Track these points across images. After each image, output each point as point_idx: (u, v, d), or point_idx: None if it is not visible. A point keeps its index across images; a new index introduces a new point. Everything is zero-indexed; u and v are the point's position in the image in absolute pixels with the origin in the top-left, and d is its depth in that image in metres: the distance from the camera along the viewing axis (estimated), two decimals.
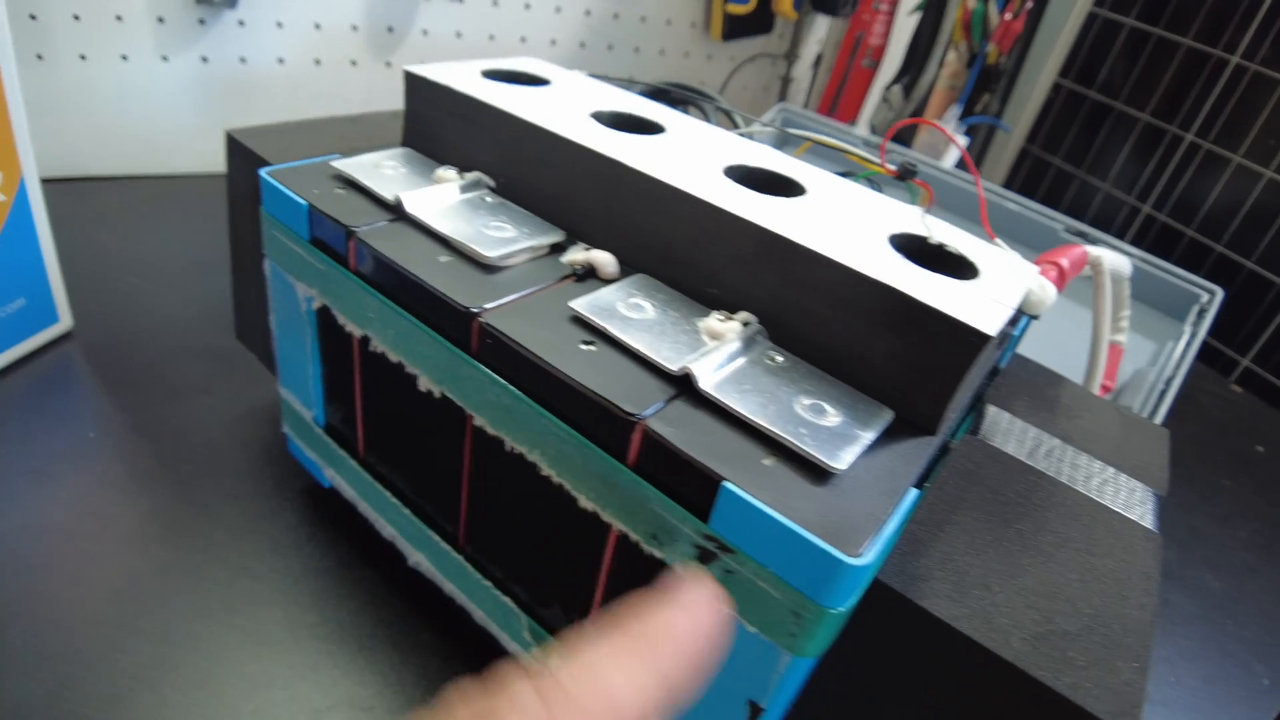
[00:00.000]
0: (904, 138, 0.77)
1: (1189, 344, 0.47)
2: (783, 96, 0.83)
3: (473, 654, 0.29)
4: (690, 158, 0.24)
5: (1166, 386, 0.45)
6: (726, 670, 0.19)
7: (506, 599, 0.24)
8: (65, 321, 0.42)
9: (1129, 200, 0.74)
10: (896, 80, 0.72)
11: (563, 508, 0.20)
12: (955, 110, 0.74)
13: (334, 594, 0.31)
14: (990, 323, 0.19)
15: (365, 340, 0.24)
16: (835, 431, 0.18)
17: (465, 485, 0.24)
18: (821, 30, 0.80)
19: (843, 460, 0.17)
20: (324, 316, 0.26)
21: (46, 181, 0.39)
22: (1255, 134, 0.64)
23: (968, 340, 0.19)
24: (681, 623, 0.15)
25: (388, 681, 0.28)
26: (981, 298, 0.20)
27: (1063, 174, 0.79)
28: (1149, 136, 0.72)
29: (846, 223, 0.22)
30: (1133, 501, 0.23)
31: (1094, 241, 0.53)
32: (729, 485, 0.16)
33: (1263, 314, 0.65)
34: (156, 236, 0.54)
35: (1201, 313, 0.50)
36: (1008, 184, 0.84)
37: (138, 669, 0.27)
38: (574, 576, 0.22)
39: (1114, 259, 0.35)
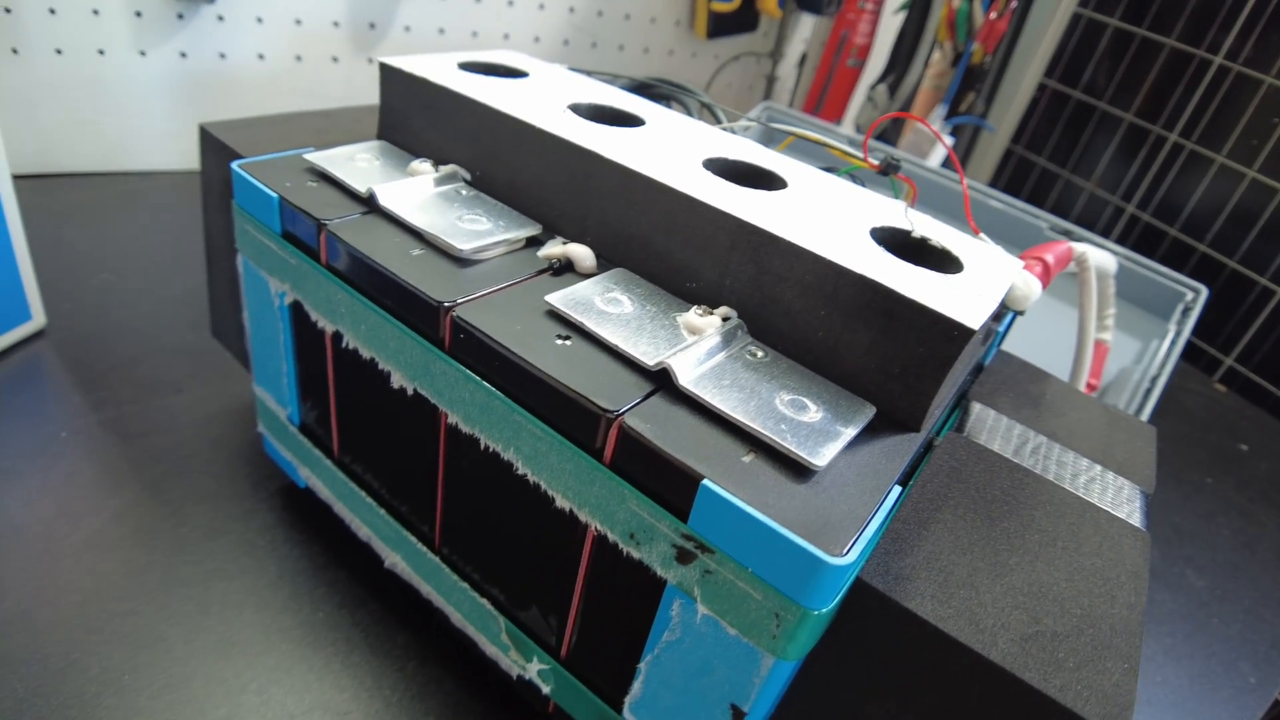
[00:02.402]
0: (889, 137, 0.77)
1: (1174, 342, 0.48)
2: (767, 95, 0.82)
3: (451, 657, 0.29)
4: (669, 150, 0.24)
5: (1152, 384, 0.45)
6: (706, 673, 0.18)
7: (484, 601, 0.24)
8: (38, 319, 0.41)
9: (1113, 200, 0.74)
10: (882, 79, 0.72)
11: (539, 507, 0.20)
12: (940, 110, 0.74)
13: (309, 596, 0.30)
14: (974, 316, 0.19)
15: (337, 336, 0.24)
16: (816, 428, 0.18)
17: (440, 485, 0.24)
18: (806, 29, 0.80)
19: (823, 457, 0.17)
20: (297, 312, 0.26)
21: (20, 178, 0.38)
22: (1238, 134, 0.65)
23: (950, 334, 0.18)
24: None
25: (364, 685, 0.28)
26: (965, 291, 0.20)
27: (1047, 174, 0.80)
28: (1133, 136, 0.72)
29: (827, 216, 0.22)
30: (1120, 499, 0.23)
31: (1078, 240, 0.53)
32: (708, 484, 0.16)
33: (1245, 313, 0.65)
34: (131, 233, 0.53)
35: (1186, 311, 0.50)
36: (992, 184, 0.84)
37: (107, 674, 0.27)
38: (552, 577, 0.21)
39: (1099, 256, 0.35)
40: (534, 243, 0.24)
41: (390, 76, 0.27)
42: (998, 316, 0.27)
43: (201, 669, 0.27)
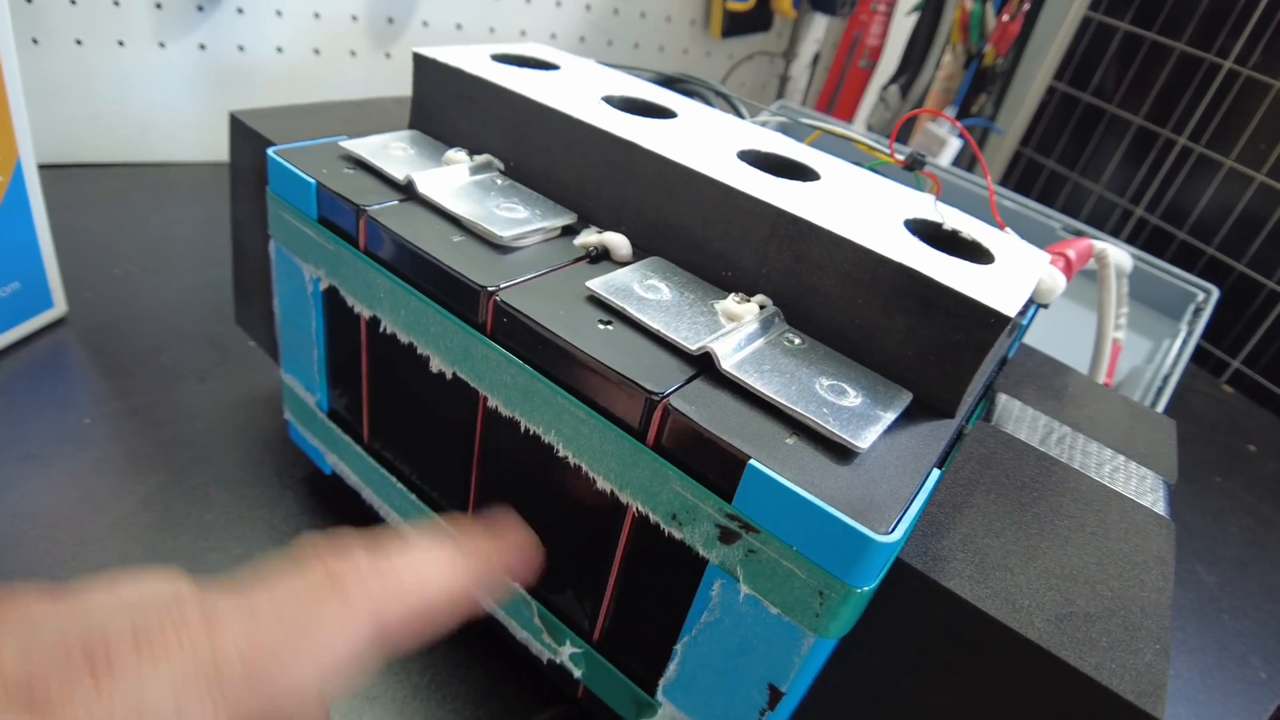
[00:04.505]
0: (899, 136, 0.78)
1: (1185, 342, 0.48)
2: (780, 94, 0.83)
3: (479, 639, 0.29)
4: (703, 142, 0.24)
5: (1164, 383, 0.45)
6: (745, 653, 0.18)
7: (515, 584, 0.24)
8: (60, 307, 0.41)
9: (1121, 203, 0.74)
10: (894, 80, 0.72)
11: (579, 489, 0.20)
12: (950, 112, 0.74)
13: None
14: (1009, 304, 0.19)
15: (375, 321, 0.24)
16: (856, 412, 0.18)
17: (475, 468, 0.24)
18: (820, 30, 0.81)
19: (865, 440, 0.17)
20: (331, 298, 0.26)
21: (40, 168, 0.38)
22: (1247, 138, 0.65)
23: (987, 322, 0.19)
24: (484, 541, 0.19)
25: (392, 670, 0.28)
26: (998, 281, 0.20)
27: (1056, 176, 0.80)
28: (1142, 140, 0.72)
29: (861, 207, 0.22)
30: (1144, 489, 0.23)
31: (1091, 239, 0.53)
32: (755, 464, 0.16)
33: (1253, 316, 0.66)
34: (151, 224, 0.53)
35: (1197, 311, 0.50)
36: (1001, 185, 0.85)
37: None
38: (588, 560, 0.22)
39: (1118, 254, 0.35)
40: (569, 231, 0.24)
41: (424, 67, 0.28)
42: (1023, 310, 0.27)
43: None
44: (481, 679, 0.28)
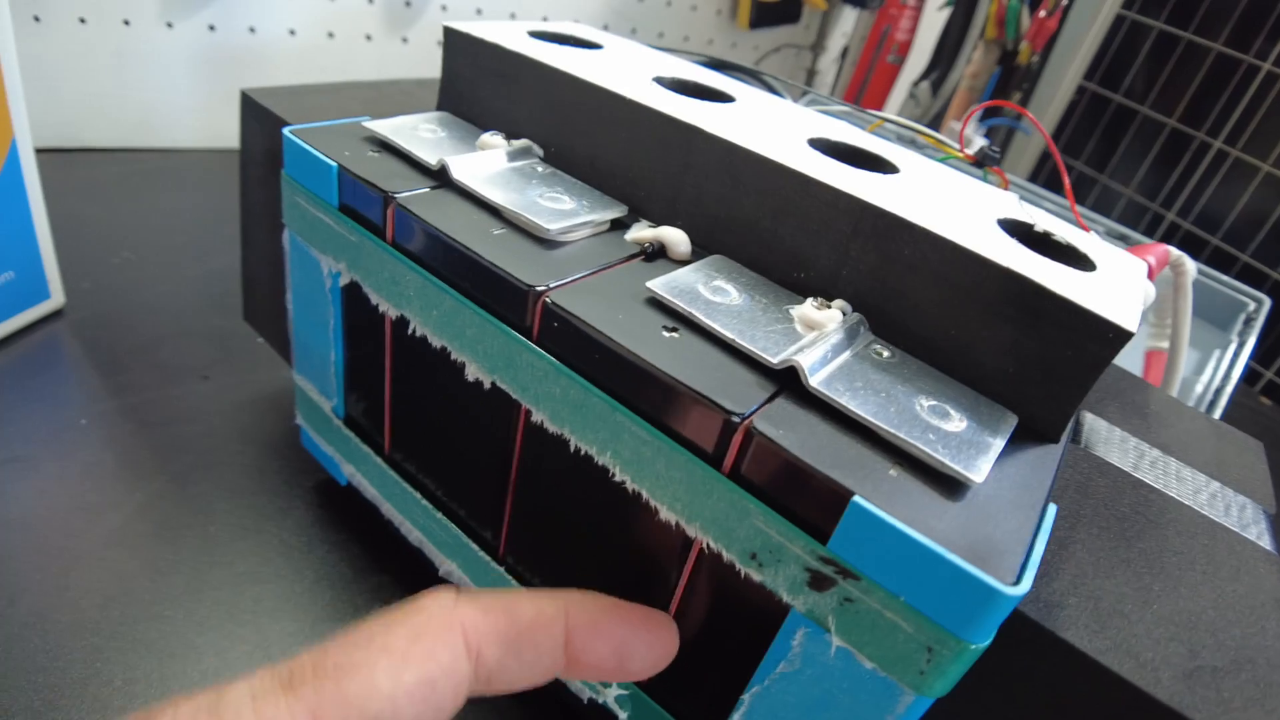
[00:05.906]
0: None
1: (1237, 353, 0.46)
2: (808, 88, 0.80)
3: None
4: (769, 128, 0.22)
5: (1216, 396, 0.43)
6: (827, 709, 0.16)
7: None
8: (56, 298, 0.39)
9: (1152, 206, 0.72)
10: (924, 76, 0.70)
11: (637, 518, 0.18)
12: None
13: (350, 603, 0.28)
14: (1128, 317, 0.17)
15: (402, 322, 0.22)
16: (964, 438, 0.16)
17: (512, 488, 0.22)
18: (848, 23, 0.78)
19: (980, 471, 0.15)
20: (352, 294, 0.24)
21: (39, 152, 0.36)
22: None
23: (1105, 336, 0.17)
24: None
25: None
26: (1109, 290, 0.18)
27: (1084, 178, 0.78)
28: (1174, 143, 0.70)
29: (950, 204, 0.20)
30: (1245, 519, 0.21)
31: (1134, 244, 0.51)
32: (860, 501, 0.14)
33: None
34: (155, 213, 0.51)
35: (1249, 321, 0.48)
36: (1030, 183, 0.83)
37: (131, 685, 0.25)
38: (640, 596, 0.19)
39: (1190, 261, 0.33)
40: (619, 225, 0.22)
41: (456, 42, 0.25)
42: None
43: None
44: (507, 713, 0.26)
